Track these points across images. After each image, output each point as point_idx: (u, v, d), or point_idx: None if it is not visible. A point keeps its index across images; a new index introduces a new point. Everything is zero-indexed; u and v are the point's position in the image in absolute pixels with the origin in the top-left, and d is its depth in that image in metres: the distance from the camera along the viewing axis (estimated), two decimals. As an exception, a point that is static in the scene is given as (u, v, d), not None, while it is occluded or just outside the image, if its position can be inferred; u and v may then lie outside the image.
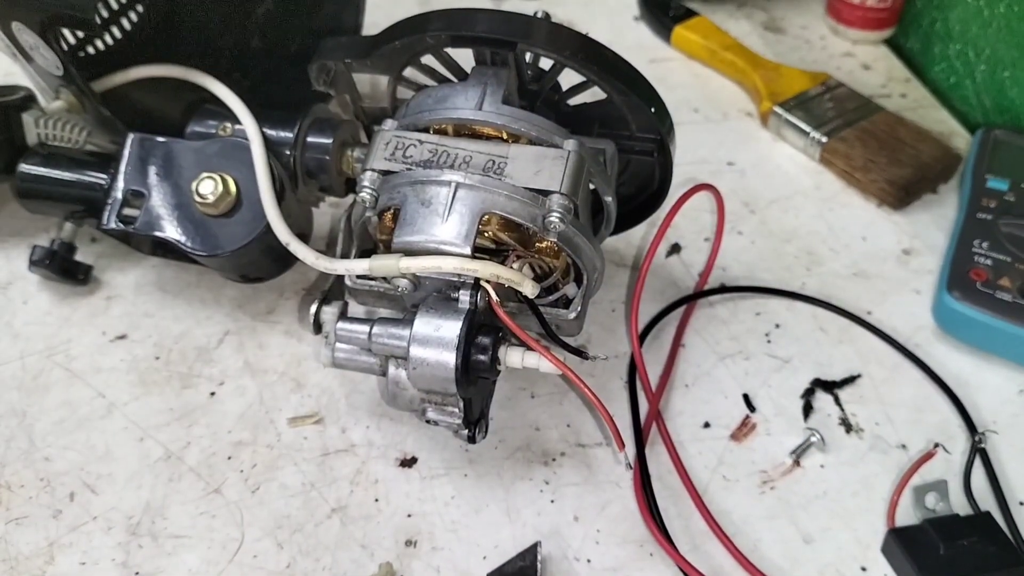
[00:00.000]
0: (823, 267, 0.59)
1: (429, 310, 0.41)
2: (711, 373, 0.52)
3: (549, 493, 0.47)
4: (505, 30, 0.44)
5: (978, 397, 0.51)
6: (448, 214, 0.42)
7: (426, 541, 0.44)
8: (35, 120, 0.53)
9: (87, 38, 0.54)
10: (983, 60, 0.69)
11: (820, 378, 0.52)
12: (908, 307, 0.56)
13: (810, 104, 0.68)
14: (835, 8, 0.78)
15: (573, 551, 0.44)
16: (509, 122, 0.44)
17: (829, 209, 0.63)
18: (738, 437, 0.49)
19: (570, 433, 0.49)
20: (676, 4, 0.78)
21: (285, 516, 0.45)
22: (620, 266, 0.58)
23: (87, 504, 0.46)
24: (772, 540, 0.45)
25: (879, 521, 0.46)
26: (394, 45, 0.46)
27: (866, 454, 0.49)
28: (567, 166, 0.43)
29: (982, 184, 0.60)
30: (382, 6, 0.64)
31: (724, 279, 0.57)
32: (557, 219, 0.42)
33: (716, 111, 0.71)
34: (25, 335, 0.53)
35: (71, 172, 0.53)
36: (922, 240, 0.61)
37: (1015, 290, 0.52)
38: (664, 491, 0.46)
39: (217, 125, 0.52)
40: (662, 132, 0.48)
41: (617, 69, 0.46)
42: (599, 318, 0.55)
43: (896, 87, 0.74)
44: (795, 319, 0.55)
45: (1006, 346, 0.52)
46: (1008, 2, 0.66)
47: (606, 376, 0.52)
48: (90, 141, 0.54)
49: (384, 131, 0.45)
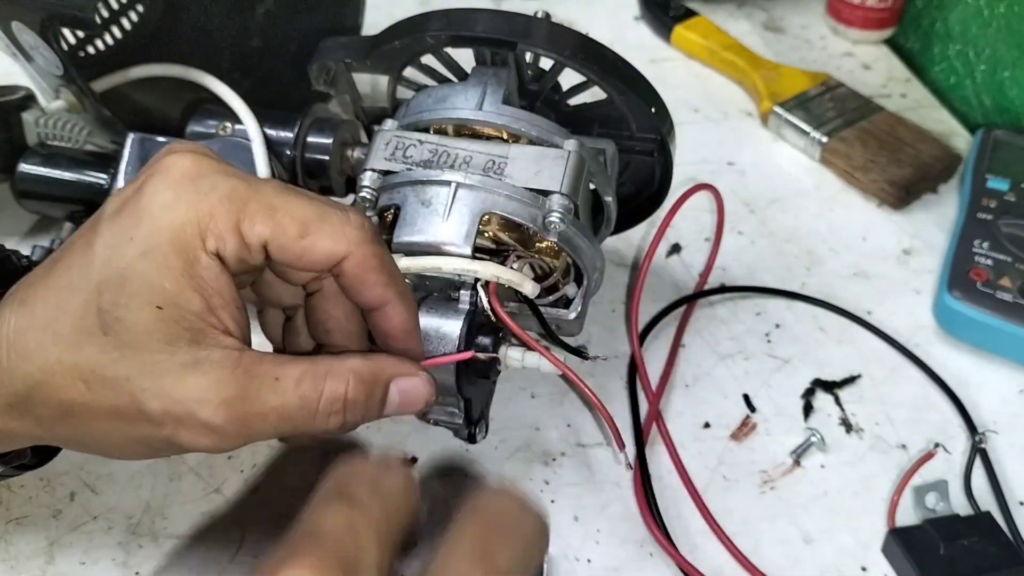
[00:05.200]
0: (823, 267, 0.59)
1: (429, 310, 0.41)
2: (711, 373, 0.52)
3: (549, 493, 0.47)
4: (505, 30, 0.44)
5: (978, 397, 0.51)
6: (448, 214, 0.42)
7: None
8: (35, 120, 0.53)
9: (87, 38, 0.54)
10: (983, 60, 0.69)
11: (820, 378, 0.52)
12: (908, 307, 0.56)
13: (810, 104, 0.68)
14: (835, 8, 0.78)
15: (573, 551, 0.44)
16: (509, 122, 0.44)
17: (829, 209, 0.63)
18: (738, 437, 0.49)
19: (570, 433, 0.49)
20: (676, 4, 0.78)
21: (285, 516, 0.45)
22: (620, 266, 0.58)
23: (87, 504, 0.46)
24: (772, 540, 0.45)
25: (879, 521, 0.46)
26: (394, 45, 0.46)
27: (866, 454, 0.49)
28: (567, 166, 0.43)
29: (982, 184, 0.60)
30: (382, 6, 0.64)
31: (724, 279, 0.57)
32: (557, 219, 0.42)
33: (716, 111, 0.71)
34: (25, 335, 0.53)
35: (71, 172, 0.53)
36: (922, 240, 0.61)
37: (1015, 290, 0.52)
38: (664, 491, 0.46)
39: (217, 125, 0.52)
40: (662, 132, 0.48)
41: (617, 69, 0.46)
42: (599, 318, 0.55)
43: (896, 87, 0.74)
44: (795, 319, 0.55)
45: (1006, 346, 0.52)
46: (1008, 2, 0.66)
47: (606, 376, 0.52)
48: (90, 141, 0.54)
49: (384, 131, 0.45)
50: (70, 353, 0.30)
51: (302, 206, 0.32)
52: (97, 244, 0.31)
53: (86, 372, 0.30)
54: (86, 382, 0.30)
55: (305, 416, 0.32)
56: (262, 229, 0.31)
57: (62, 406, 0.31)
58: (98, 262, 0.31)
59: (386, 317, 0.35)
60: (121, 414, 0.31)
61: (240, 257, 0.32)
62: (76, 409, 0.31)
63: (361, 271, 0.34)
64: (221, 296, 0.31)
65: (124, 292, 0.30)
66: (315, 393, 0.32)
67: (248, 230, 0.31)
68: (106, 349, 0.30)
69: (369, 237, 0.33)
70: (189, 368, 0.30)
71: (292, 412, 0.32)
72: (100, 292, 0.30)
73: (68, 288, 0.31)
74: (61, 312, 0.31)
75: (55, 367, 0.31)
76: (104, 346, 0.30)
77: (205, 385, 0.30)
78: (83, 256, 0.31)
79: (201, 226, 0.31)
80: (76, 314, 0.31)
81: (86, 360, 0.30)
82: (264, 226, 0.31)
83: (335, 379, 0.32)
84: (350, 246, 0.33)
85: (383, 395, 0.34)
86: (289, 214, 0.32)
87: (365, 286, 0.34)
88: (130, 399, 0.30)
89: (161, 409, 0.30)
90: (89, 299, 0.30)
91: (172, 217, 0.31)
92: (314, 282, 0.35)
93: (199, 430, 0.31)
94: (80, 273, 0.31)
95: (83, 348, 0.30)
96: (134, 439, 0.32)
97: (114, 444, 0.32)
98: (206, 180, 0.31)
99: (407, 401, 0.35)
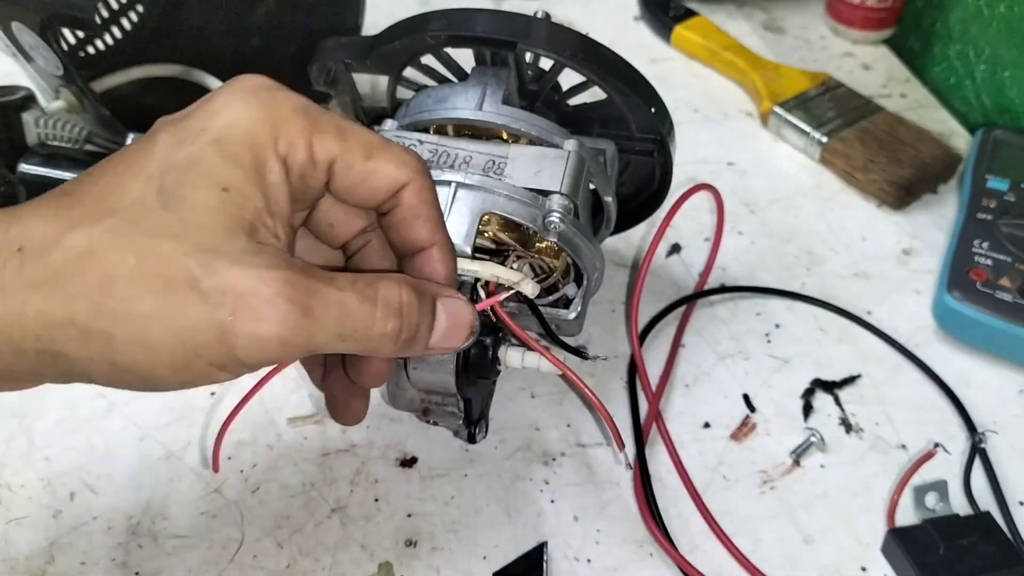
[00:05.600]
0: (823, 267, 0.59)
1: (429, 310, 0.41)
2: (711, 373, 0.52)
3: (549, 493, 0.47)
4: (505, 30, 0.44)
5: (978, 397, 0.51)
6: (448, 214, 0.42)
7: (426, 541, 0.44)
8: (35, 120, 0.53)
9: (87, 38, 0.54)
10: (983, 60, 0.69)
11: (820, 378, 0.52)
12: (908, 307, 0.56)
13: (810, 104, 0.68)
14: (835, 8, 0.78)
15: (573, 551, 0.44)
16: (509, 122, 0.44)
17: (829, 209, 0.63)
18: (738, 437, 0.49)
19: (570, 433, 0.49)
20: (676, 4, 0.79)
21: (285, 516, 0.45)
22: (620, 266, 0.58)
23: (87, 504, 0.46)
24: (772, 540, 0.45)
25: (879, 521, 0.46)
26: (394, 45, 0.46)
27: (866, 454, 0.49)
28: (567, 166, 0.43)
29: (982, 184, 0.60)
30: (382, 6, 0.64)
31: (724, 279, 0.57)
32: (557, 219, 0.42)
33: (716, 111, 0.71)
34: (25, 335, 0.53)
35: (71, 172, 0.53)
36: (922, 240, 0.61)
37: (1015, 290, 0.52)
38: (664, 491, 0.46)
39: (217, 125, 0.52)
40: (662, 132, 0.48)
41: (617, 69, 0.46)
42: (599, 318, 0.55)
43: (896, 87, 0.74)
44: (795, 319, 0.55)
45: (1006, 346, 0.52)
46: (1008, 2, 0.66)
47: (606, 376, 0.52)
48: (90, 141, 0.54)
49: (384, 131, 0.46)
50: (123, 225, 0.28)
51: (367, 132, 0.33)
52: (160, 139, 0.30)
53: (140, 244, 0.28)
54: (138, 254, 0.28)
55: (365, 313, 0.31)
56: (332, 145, 0.32)
57: (104, 279, 0.28)
58: (161, 152, 0.30)
59: (432, 260, 0.35)
60: (174, 288, 0.28)
61: (304, 172, 0.31)
62: (120, 282, 0.28)
63: (418, 201, 0.34)
64: (279, 205, 0.31)
65: (191, 173, 0.29)
66: (371, 290, 0.31)
67: (319, 144, 0.31)
68: (164, 224, 0.28)
69: (427, 169, 0.34)
70: (250, 254, 0.29)
71: (352, 307, 0.30)
72: (163, 175, 0.29)
73: (125, 173, 0.29)
74: (116, 191, 0.29)
75: (103, 238, 0.28)
76: (162, 222, 0.28)
77: (267, 270, 0.29)
78: (141, 150, 0.30)
79: (275, 129, 0.31)
80: (133, 193, 0.29)
81: (140, 232, 0.28)
82: (334, 143, 0.32)
83: (388, 282, 0.32)
84: (411, 174, 0.33)
85: (432, 309, 0.33)
86: (356, 136, 0.32)
87: (419, 220, 0.34)
88: (186, 274, 0.28)
89: (221, 286, 0.28)
90: (150, 180, 0.29)
91: (247, 115, 0.30)
92: (360, 236, 0.35)
93: (262, 313, 0.28)
94: (139, 161, 0.30)
95: (138, 222, 0.28)
96: (180, 331, 0.28)
97: (150, 341, 0.28)
98: (281, 93, 0.32)
99: (453, 323, 0.34)
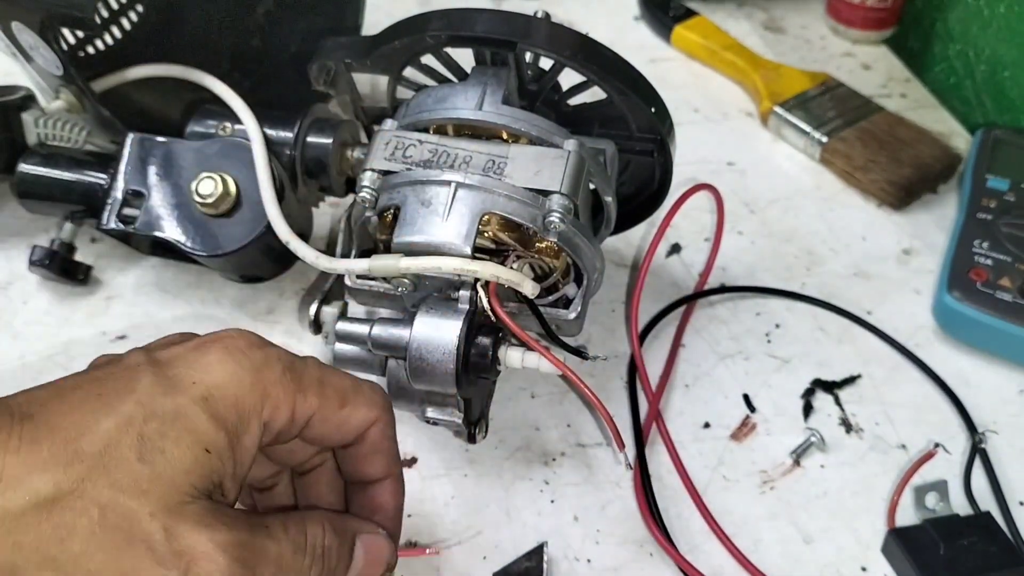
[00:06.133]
0: (823, 267, 0.59)
1: (429, 310, 0.41)
2: (711, 373, 0.52)
3: (549, 493, 0.47)
4: (505, 30, 0.44)
5: (978, 397, 0.51)
6: (448, 214, 0.42)
7: (426, 541, 0.44)
8: (35, 120, 0.53)
9: (87, 38, 0.54)
10: (983, 60, 0.69)
11: (820, 378, 0.52)
12: (908, 307, 0.56)
13: (810, 104, 0.68)
14: (835, 8, 0.78)
15: (573, 551, 0.44)
16: (509, 122, 0.44)
17: (829, 209, 0.63)
18: (738, 437, 0.49)
19: (570, 433, 0.49)
20: (676, 4, 0.78)
21: (285, 516, 0.45)
22: (620, 266, 0.58)
23: (87, 504, 0.45)
24: (772, 540, 0.45)
25: (879, 521, 0.46)
26: (394, 45, 0.46)
27: (866, 454, 0.49)
28: (567, 166, 0.43)
29: (982, 184, 0.60)
30: (382, 6, 0.64)
31: (724, 279, 0.57)
32: (557, 219, 0.42)
33: (716, 111, 0.71)
34: (25, 335, 0.53)
35: (71, 172, 0.53)
36: (922, 240, 0.61)
37: (1015, 290, 0.52)
38: (664, 491, 0.46)
39: (217, 125, 0.52)
40: (662, 132, 0.48)
41: (617, 69, 0.46)
42: (599, 318, 0.55)
43: (896, 87, 0.74)
44: (795, 319, 0.55)
45: (1006, 346, 0.52)
46: (1008, 2, 0.66)
47: (606, 376, 0.52)
48: (90, 141, 0.54)
49: (384, 131, 0.45)
50: (93, 474, 0.28)
51: (341, 378, 0.34)
52: (143, 380, 0.30)
53: (106, 498, 0.28)
54: (102, 509, 0.28)
55: (298, 564, 0.32)
56: (312, 401, 0.33)
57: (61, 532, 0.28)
58: (145, 395, 0.30)
59: (384, 492, 0.36)
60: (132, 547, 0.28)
61: (282, 431, 0.33)
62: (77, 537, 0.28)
63: (382, 438, 0.35)
64: (243, 468, 0.31)
65: (175, 426, 0.29)
66: (302, 538, 0.32)
67: (300, 405, 0.32)
68: (135, 478, 0.28)
69: (391, 405, 0.36)
70: (209, 514, 0.29)
71: (287, 559, 0.31)
72: (145, 421, 0.29)
73: (99, 411, 0.29)
74: (89, 432, 0.29)
75: (71, 487, 0.28)
76: (133, 474, 0.28)
77: (223, 532, 0.29)
78: (118, 385, 0.30)
79: (264, 393, 0.31)
80: (108, 436, 0.29)
81: (109, 484, 0.28)
82: (315, 399, 0.33)
83: (314, 525, 0.33)
84: (379, 412, 0.35)
85: (350, 549, 0.34)
86: (333, 386, 0.34)
87: (379, 454, 0.36)
88: (147, 536, 0.28)
89: (178, 549, 0.28)
90: (128, 424, 0.29)
91: (239, 377, 0.31)
92: (315, 457, 0.37)
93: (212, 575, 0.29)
94: (114, 400, 0.30)
95: (110, 471, 0.28)
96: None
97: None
98: (271, 352, 0.33)
99: (371, 560, 0.35)
